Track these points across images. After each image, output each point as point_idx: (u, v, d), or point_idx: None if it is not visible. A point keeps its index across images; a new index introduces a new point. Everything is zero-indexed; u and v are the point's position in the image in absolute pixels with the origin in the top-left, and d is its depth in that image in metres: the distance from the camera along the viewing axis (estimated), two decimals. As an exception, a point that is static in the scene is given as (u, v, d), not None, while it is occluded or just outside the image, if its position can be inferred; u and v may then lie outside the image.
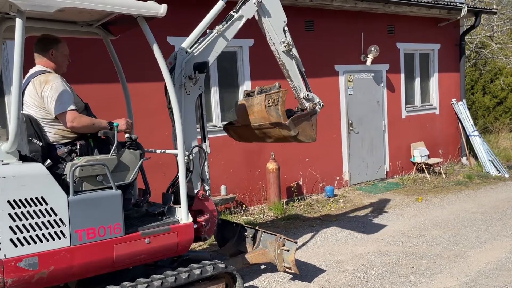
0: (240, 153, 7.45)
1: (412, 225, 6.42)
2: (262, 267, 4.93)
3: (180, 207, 3.70)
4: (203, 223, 3.91)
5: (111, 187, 3.31)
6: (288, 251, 4.24)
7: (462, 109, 10.69)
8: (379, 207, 7.48)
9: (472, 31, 12.01)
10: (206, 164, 4.14)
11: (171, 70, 3.89)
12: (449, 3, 10.40)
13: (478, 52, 16.26)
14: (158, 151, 4.15)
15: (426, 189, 8.72)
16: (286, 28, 4.50)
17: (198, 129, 4.19)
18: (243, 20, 4.28)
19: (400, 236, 5.92)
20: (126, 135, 3.66)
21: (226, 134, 5.20)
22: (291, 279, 4.63)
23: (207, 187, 4.15)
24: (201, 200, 3.95)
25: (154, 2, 3.54)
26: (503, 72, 16.56)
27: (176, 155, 3.78)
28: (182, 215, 3.67)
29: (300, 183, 8.22)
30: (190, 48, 4.03)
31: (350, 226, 6.48)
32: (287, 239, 4.29)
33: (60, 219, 3.06)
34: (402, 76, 9.79)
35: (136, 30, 3.87)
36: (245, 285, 4.34)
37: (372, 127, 9.32)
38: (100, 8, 3.28)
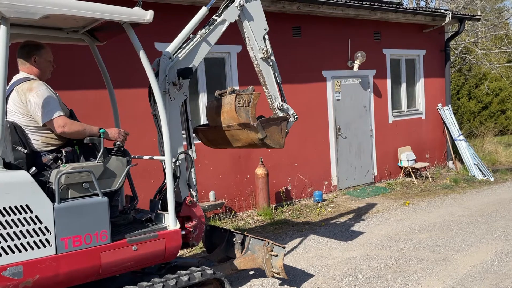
0: (228, 159, 7.44)
1: (400, 229, 6.47)
2: (251, 272, 4.92)
3: (167, 213, 3.69)
4: (191, 229, 3.90)
5: (97, 194, 3.28)
6: (276, 256, 4.24)
7: (447, 113, 10.83)
8: (367, 212, 7.53)
9: (457, 37, 12.21)
10: (192, 170, 4.13)
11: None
12: (433, 9, 10.57)
13: (463, 58, 16.51)
14: (145, 157, 4.13)
15: (413, 193, 8.80)
16: (266, 36, 4.50)
17: (184, 135, 4.18)
18: (226, 24, 4.28)
19: (388, 240, 5.96)
20: (117, 142, 3.63)
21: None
22: (279, 284, 4.63)
23: (194, 193, 4.14)
24: (189, 206, 3.94)
25: (140, 8, 3.53)
26: (487, 78, 16.85)
27: (163, 161, 3.77)
28: (170, 221, 3.65)
29: (289, 188, 8.24)
30: (173, 54, 4.03)
31: (339, 230, 6.51)
32: (275, 244, 4.29)
33: (46, 227, 3.03)
34: (389, 81, 9.90)
35: (123, 36, 3.87)
36: (234, 291, 4.33)
37: (359, 132, 9.40)
38: (86, 15, 3.27)
